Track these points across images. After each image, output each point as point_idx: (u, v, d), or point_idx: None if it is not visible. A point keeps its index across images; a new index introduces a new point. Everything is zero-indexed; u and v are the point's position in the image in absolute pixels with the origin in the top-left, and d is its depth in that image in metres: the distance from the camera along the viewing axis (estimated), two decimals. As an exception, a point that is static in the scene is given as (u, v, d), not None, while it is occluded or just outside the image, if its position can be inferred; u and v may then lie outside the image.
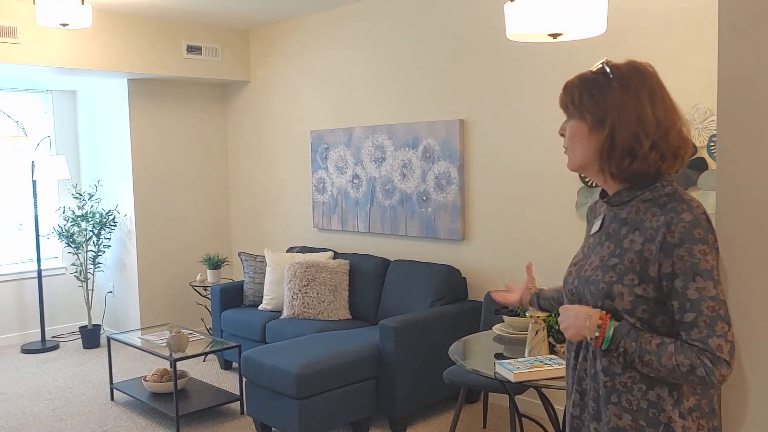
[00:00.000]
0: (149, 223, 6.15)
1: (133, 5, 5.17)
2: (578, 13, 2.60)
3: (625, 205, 1.59)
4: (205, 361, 5.62)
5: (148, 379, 4.53)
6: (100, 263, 6.34)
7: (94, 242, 6.21)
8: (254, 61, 6.22)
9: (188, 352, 4.28)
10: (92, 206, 6.35)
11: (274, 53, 6.01)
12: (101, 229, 6.17)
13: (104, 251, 6.29)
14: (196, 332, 4.77)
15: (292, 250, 5.58)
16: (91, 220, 6.15)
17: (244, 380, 4.19)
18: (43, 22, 3.93)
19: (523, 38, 2.89)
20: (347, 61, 5.36)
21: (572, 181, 4.02)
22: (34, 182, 6.07)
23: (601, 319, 1.50)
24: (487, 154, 4.49)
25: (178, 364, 5.34)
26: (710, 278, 1.43)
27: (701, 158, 3.46)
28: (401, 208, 5.00)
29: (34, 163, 6.02)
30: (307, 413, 3.74)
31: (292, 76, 5.86)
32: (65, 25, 3.94)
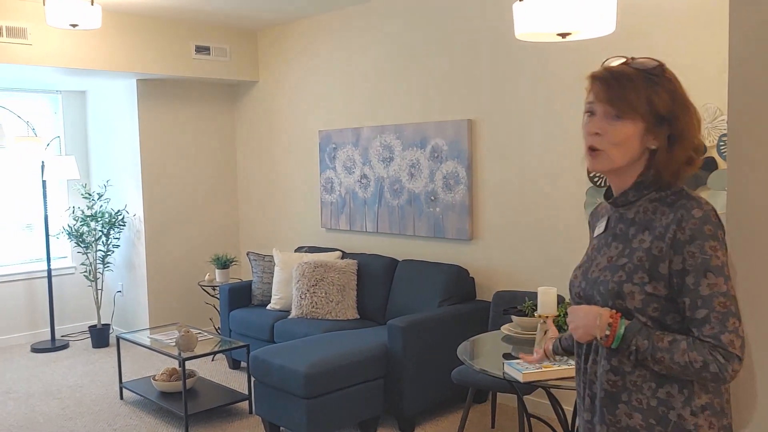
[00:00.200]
0: (158, 222, 6.18)
1: (141, 6, 5.19)
2: (587, 12, 2.59)
3: (631, 205, 1.58)
4: (213, 360, 5.64)
5: (157, 378, 4.55)
6: (109, 263, 6.37)
7: (103, 242, 6.24)
8: (262, 61, 6.23)
9: (197, 351, 4.30)
10: (101, 206, 6.38)
11: (282, 53, 6.02)
12: (110, 228, 6.20)
13: (113, 251, 6.32)
14: (204, 332, 4.79)
15: (300, 249, 5.58)
16: (100, 219, 6.18)
17: (252, 380, 4.20)
18: (53, 22, 3.96)
19: (531, 38, 2.88)
20: (355, 61, 5.37)
21: (581, 180, 4.00)
22: (44, 182, 6.10)
23: (611, 317, 1.49)
24: (495, 153, 4.49)
25: (186, 363, 5.34)
26: (721, 274, 1.43)
27: (711, 158, 3.44)
28: (409, 207, 5.00)
29: (44, 163, 6.05)
30: (315, 413, 3.74)
31: (300, 76, 5.87)
32: (75, 25, 3.97)
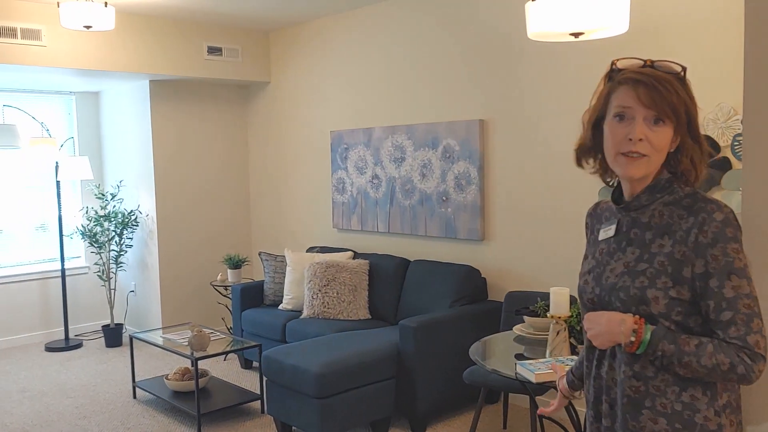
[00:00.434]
0: (170, 223, 6.21)
1: (154, 7, 5.22)
2: (600, 11, 2.58)
3: (644, 208, 1.57)
4: (225, 360, 5.66)
5: (169, 377, 4.57)
6: (122, 263, 6.41)
7: (116, 242, 6.28)
8: (274, 62, 6.25)
9: (209, 351, 4.32)
10: (114, 206, 6.42)
11: (293, 54, 6.04)
12: (123, 228, 6.24)
13: (126, 251, 6.36)
14: (217, 331, 4.80)
15: (312, 250, 5.59)
16: (113, 220, 6.22)
17: (264, 379, 4.22)
18: (67, 24, 3.99)
19: (544, 37, 2.87)
20: (367, 61, 5.37)
21: (592, 181, 3.97)
22: (57, 183, 6.15)
23: (636, 323, 1.48)
24: (507, 154, 4.48)
25: (199, 363, 5.36)
26: (744, 276, 1.43)
27: (725, 158, 3.42)
28: (421, 208, 5.00)
29: (58, 163, 6.10)
30: (327, 413, 3.75)
31: (311, 76, 5.88)
32: (89, 27, 4.00)
